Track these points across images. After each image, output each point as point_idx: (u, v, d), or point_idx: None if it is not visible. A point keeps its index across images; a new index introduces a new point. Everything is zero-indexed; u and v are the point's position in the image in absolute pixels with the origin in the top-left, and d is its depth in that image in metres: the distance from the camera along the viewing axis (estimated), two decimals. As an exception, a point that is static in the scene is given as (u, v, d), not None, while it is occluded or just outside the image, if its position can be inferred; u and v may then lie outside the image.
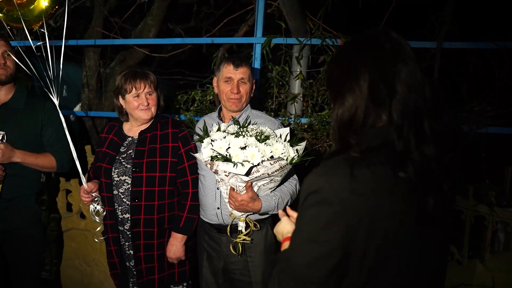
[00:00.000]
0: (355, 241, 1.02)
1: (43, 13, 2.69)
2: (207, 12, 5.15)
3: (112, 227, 2.41)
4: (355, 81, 1.10)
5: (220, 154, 1.90)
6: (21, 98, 2.63)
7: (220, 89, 2.32)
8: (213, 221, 2.32)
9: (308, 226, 1.06)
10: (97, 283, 3.53)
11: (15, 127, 2.54)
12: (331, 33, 3.08)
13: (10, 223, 2.59)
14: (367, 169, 1.03)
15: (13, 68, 2.59)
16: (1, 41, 2.56)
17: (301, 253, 1.06)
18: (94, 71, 3.92)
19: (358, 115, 1.10)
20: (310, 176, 1.10)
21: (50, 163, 2.63)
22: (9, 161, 2.46)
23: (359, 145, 1.09)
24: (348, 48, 1.20)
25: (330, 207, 1.03)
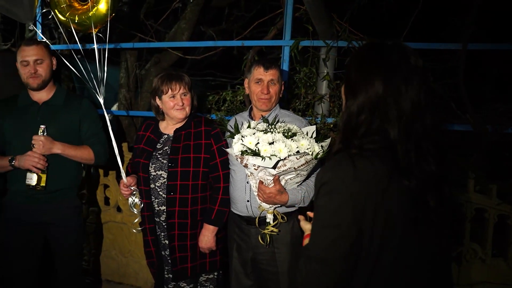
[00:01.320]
0: (363, 222, 1.17)
1: (102, 20, 2.89)
2: (237, 15, 5.30)
3: (149, 218, 2.57)
4: (368, 87, 1.23)
5: (250, 149, 2.04)
6: (60, 96, 2.82)
7: (251, 90, 2.47)
8: (243, 213, 2.46)
9: (322, 214, 1.22)
10: (132, 273, 3.72)
11: (55, 123, 2.72)
12: (357, 35, 3.18)
13: (53, 215, 2.78)
14: (367, 160, 1.18)
15: (45, 75, 2.73)
16: (36, 48, 2.70)
17: (320, 239, 1.21)
18: (131, 72, 4.12)
19: (363, 121, 1.23)
20: (319, 171, 1.27)
21: (88, 155, 2.79)
22: (49, 152, 2.63)
23: (359, 147, 1.22)
24: (369, 54, 1.31)
25: (339, 195, 1.18)
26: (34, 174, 2.62)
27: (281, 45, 3.30)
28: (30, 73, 2.68)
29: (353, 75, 1.30)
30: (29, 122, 2.70)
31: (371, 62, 1.27)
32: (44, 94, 2.79)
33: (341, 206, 1.17)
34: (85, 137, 2.84)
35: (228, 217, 2.57)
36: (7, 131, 2.73)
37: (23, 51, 2.69)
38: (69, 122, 2.79)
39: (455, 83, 3.10)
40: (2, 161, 2.66)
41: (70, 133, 2.79)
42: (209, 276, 2.68)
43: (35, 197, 2.72)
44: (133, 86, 4.19)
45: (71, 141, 2.78)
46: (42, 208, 2.75)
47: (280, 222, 2.32)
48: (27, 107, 2.75)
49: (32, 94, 2.77)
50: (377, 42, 1.32)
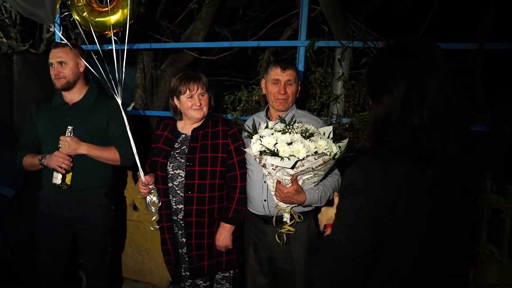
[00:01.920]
0: (385, 227, 1.18)
1: (120, 24, 2.93)
2: (252, 15, 5.33)
3: (167, 216, 2.61)
4: (392, 84, 1.24)
5: (268, 149, 2.06)
6: (91, 97, 2.87)
7: (268, 90, 2.49)
8: (260, 212, 2.49)
9: (345, 214, 1.24)
10: (147, 271, 3.78)
11: (83, 123, 2.79)
12: (373, 35, 3.19)
13: (80, 212, 2.84)
14: (396, 164, 1.18)
15: (69, 76, 2.78)
16: (60, 51, 2.78)
17: (340, 237, 1.23)
18: (147, 72, 4.18)
19: (392, 115, 1.24)
20: (347, 171, 1.27)
21: (114, 156, 2.83)
22: (75, 153, 2.69)
23: (391, 142, 1.24)
24: (389, 53, 1.34)
25: (363, 197, 1.19)
26: (59, 174, 2.68)
27: (297, 45, 3.32)
28: (55, 75, 2.78)
29: (375, 76, 1.32)
30: (60, 122, 2.78)
31: (392, 61, 1.29)
32: (74, 95, 2.86)
33: (364, 208, 1.19)
34: (112, 138, 2.88)
35: (245, 216, 2.61)
36: (41, 131, 2.83)
37: (50, 53, 2.81)
38: (97, 123, 2.84)
39: (471, 83, 3.09)
40: (34, 160, 2.78)
41: (98, 133, 2.84)
42: (225, 274, 2.71)
43: (63, 193, 2.80)
44: (149, 86, 4.24)
45: (99, 141, 2.83)
46: (69, 205, 2.83)
47: (296, 222, 2.34)
48: (59, 108, 2.84)
49: (64, 94, 2.86)
50: (397, 41, 1.34)
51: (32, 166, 2.81)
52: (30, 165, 2.81)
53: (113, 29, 2.92)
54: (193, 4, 3.98)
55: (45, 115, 2.83)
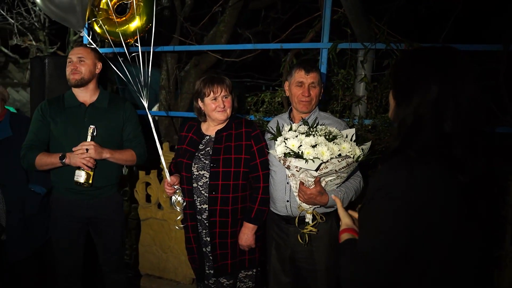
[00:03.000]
0: (414, 231, 1.20)
1: (141, 30, 3.02)
2: (274, 17, 5.36)
3: (191, 216, 2.66)
4: (426, 87, 1.25)
5: (293, 151, 2.11)
6: (104, 99, 2.96)
7: (291, 92, 2.53)
8: (282, 212, 2.54)
9: (375, 217, 1.25)
10: (171, 268, 3.85)
11: (101, 123, 2.87)
12: (395, 37, 3.19)
13: (98, 210, 2.94)
14: (425, 167, 1.20)
15: (85, 73, 2.87)
16: (81, 50, 2.90)
17: (370, 241, 1.25)
18: (171, 74, 4.26)
19: (423, 118, 1.25)
20: (376, 174, 1.30)
21: (132, 156, 2.95)
22: (100, 157, 2.77)
23: (419, 145, 1.25)
24: (420, 56, 1.34)
25: (394, 201, 1.21)
26: (83, 172, 2.76)
27: (319, 47, 3.34)
28: (72, 69, 2.85)
29: (405, 78, 1.33)
30: (77, 123, 2.85)
31: (424, 64, 1.30)
32: (88, 96, 2.93)
33: (395, 212, 1.21)
34: (127, 138, 2.98)
35: (267, 216, 2.65)
36: (55, 131, 2.87)
37: (72, 51, 2.90)
38: (114, 124, 2.94)
39: (495, 85, 3.07)
40: (52, 158, 2.79)
41: (115, 134, 2.95)
42: (248, 272, 2.76)
43: (81, 193, 2.88)
44: (173, 88, 4.32)
45: (115, 141, 2.94)
46: (87, 204, 2.91)
47: (319, 222, 2.38)
48: (74, 109, 2.90)
49: (77, 95, 2.92)
50: (426, 46, 1.36)
51: (46, 165, 2.81)
52: (44, 164, 2.80)
53: (134, 36, 3.01)
54: (218, 7, 4.03)
55: (60, 115, 2.87)
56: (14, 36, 7.29)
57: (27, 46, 7.52)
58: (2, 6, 6.89)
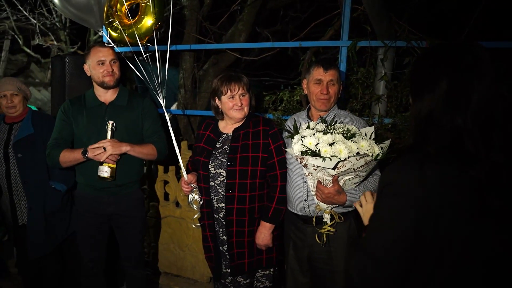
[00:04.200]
0: (426, 226, 1.18)
1: (149, 31, 3.03)
2: (292, 16, 5.33)
3: (208, 214, 2.66)
4: (434, 83, 1.24)
5: (310, 149, 2.08)
6: (124, 96, 3.00)
7: (310, 90, 2.50)
8: (300, 212, 2.51)
9: (383, 214, 1.25)
10: (189, 266, 3.86)
11: (121, 120, 2.91)
12: (417, 35, 3.13)
13: (121, 206, 2.99)
14: (435, 165, 1.18)
15: (119, 74, 2.95)
16: (109, 49, 2.93)
17: (377, 237, 1.24)
18: (190, 73, 4.26)
19: (434, 113, 1.24)
20: (385, 170, 1.28)
21: (152, 151, 2.96)
22: (119, 151, 2.79)
23: (432, 141, 1.23)
24: (433, 52, 1.32)
25: (402, 198, 1.20)
26: (106, 167, 2.79)
27: (339, 45, 3.30)
28: (108, 72, 2.88)
29: (417, 76, 1.32)
30: (98, 121, 2.90)
31: (433, 60, 1.28)
32: (110, 94, 2.97)
33: (403, 209, 1.20)
34: (146, 134, 3.01)
35: (285, 215, 2.63)
36: (77, 130, 2.93)
37: (99, 51, 2.89)
38: (133, 120, 2.97)
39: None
40: (75, 154, 2.83)
41: (134, 130, 2.98)
42: (265, 272, 2.74)
43: (104, 189, 2.92)
44: (191, 87, 4.32)
45: (135, 137, 2.96)
46: (110, 200, 2.96)
47: (337, 222, 2.35)
48: (95, 108, 2.95)
49: (100, 94, 2.96)
50: (443, 42, 1.33)
51: (70, 161, 2.85)
52: (67, 160, 2.85)
53: (145, 36, 3.01)
54: (236, 6, 4.02)
55: (82, 115, 2.92)
56: (36, 36, 7.42)
57: (49, 46, 7.65)
58: (24, 6, 7.02)
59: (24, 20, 7.37)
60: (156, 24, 3.18)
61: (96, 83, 2.94)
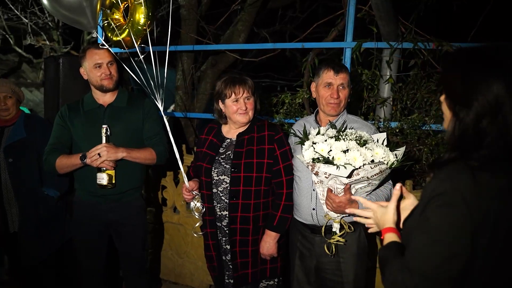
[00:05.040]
0: (479, 240, 1.07)
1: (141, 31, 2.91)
2: (292, 16, 5.24)
3: (211, 223, 2.55)
4: (485, 92, 1.12)
5: (323, 156, 1.98)
6: (123, 98, 2.87)
7: (319, 94, 2.40)
8: (308, 221, 2.40)
9: (434, 228, 1.12)
10: (187, 274, 3.76)
11: (120, 123, 2.78)
12: (423, 36, 3.06)
13: (122, 213, 2.85)
14: (489, 174, 1.08)
15: (117, 76, 2.82)
16: (106, 51, 2.79)
17: (429, 254, 1.11)
18: (187, 74, 4.15)
19: (486, 127, 1.13)
20: (432, 181, 1.15)
21: (151, 155, 2.82)
22: (116, 157, 2.65)
23: (482, 150, 1.12)
24: (475, 57, 1.20)
25: (456, 209, 1.08)
26: (104, 174, 2.66)
27: (343, 47, 3.21)
28: (106, 75, 2.75)
29: (459, 85, 1.19)
30: (96, 124, 2.75)
31: (480, 66, 1.17)
32: (109, 97, 2.85)
33: (458, 221, 1.08)
34: (146, 136, 2.88)
35: (291, 223, 2.52)
36: (76, 134, 2.79)
37: (95, 54, 2.76)
38: (133, 122, 2.84)
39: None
40: (73, 159, 2.70)
41: (135, 132, 2.85)
42: (270, 282, 2.63)
43: (104, 196, 2.79)
44: (189, 88, 4.22)
45: (135, 139, 2.84)
46: (110, 207, 2.82)
47: (346, 232, 2.25)
48: (93, 111, 2.81)
49: (98, 97, 2.83)
50: (477, 46, 1.22)
51: (67, 167, 2.73)
52: (65, 166, 2.72)
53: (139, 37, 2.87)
54: (236, 6, 3.92)
55: (80, 119, 2.79)
56: (28, 36, 7.26)
57: (41, 46, 7.48)
58: (16, 5, 6.84)
59: (15, 19, 7.21)
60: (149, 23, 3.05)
61: (95, 87, 2.81)
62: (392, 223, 1.37)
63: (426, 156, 2.95)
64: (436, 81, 3.07)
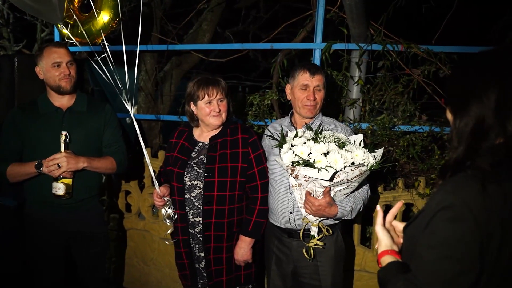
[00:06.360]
0: (487, 255, 1.05)
1: (105, 28, 2.76)
2: (256, 16, 5.19)
3: (183, 229, 2.46)
4: (483, 95, 1.11)
5: (303, 159, 1.93)
6: (83, 102, 2.72)
7: (295, 96, 2.36)
8: (285, 225, 2.36)
9: (443, 243, 1.08)
10: (154, 282, 3.62)
11: (80, 128, 2.64)
12: (392, 38, 3.08)
13: (80, 223, 2.69)
14: (498, 185, 1.06)
15: (76, 77, 2.67)
16: (65, 50, 2.63)
17: (441, 271, 1.07)
18: (151, 75, 4.01)
19: (483, 126, 1.11)
20: (439, 192, 1.12)
21: (111, 165, 2.71)
22: (76, 167, 2.52)
23: (484, 156, 1.10)
24: (474, 62, 1.20)
25: (464, 223, 1.05)
26: (61, 184, 2.51)
27: (312, 48, 3.19)
28: (65, 75, 2.59)
29: (459, 89, 1.18)
30: (54, 129, 2.58)
31: (478, 70, 1.16)
32: (67, 100, 2.68)
33: (466, 236, 1.04)
34: (106, 144, 2.75)
35: (266, 228, 2.47)
36: (29, 139, 2.60)
37: (54, 52, 2.59)
38: (95, 129, 2.71)
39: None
40: (26, 168, 2.52)
41: (95, 139, 2.72)
42: (244, 289, 2.58)
43: (60, 206, 2.62)
44: (152, 89, 4.07)
45: (95, 147, 2.71)
46: (68, 217, 2.66)
47: (325, 235, 2.22)
48: (50, 114, 2.64)
49: (54, 99, 2.66)
50: (480, 52, 1.21)
51: (20, 175, 2.55)
52: (17, 175, 2.55)
53: (100, 35, 2.73)
54: (202, 5, 3.81)
55: (35, 122, 2.61)
56: (-26, 33, 6.82)
57: (-11, 44, 7.05)
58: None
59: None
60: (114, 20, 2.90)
61: (51, 88, 2.63)
62: (384, 246, 1.32)
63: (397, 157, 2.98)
64: (404, 82, 3.11)
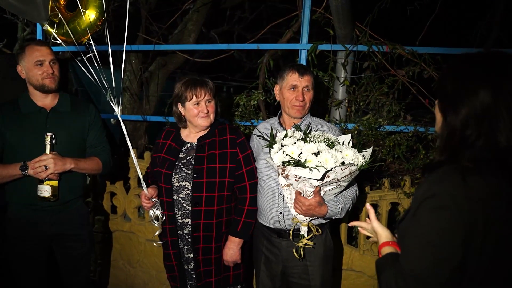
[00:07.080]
0: (471, 243, 1.08)
1: (91, 27, 2.72)
2: (241, 16, 5.19)
3: (171, 231, 2.44)
4: (473, 97, 1.14)
5: (293, 159, 1.94)
6: (66, 101, 2.69)
7: (284, 96, 2.36)
8: (274, 225, 2.36)
9: (425, 231, 1.12)
10: (140, 284, 3.59)
11: (64, 129, 2.60)
12: (378, 39, 3.12)
13: (65, 225, 2.66)
14: (479, 177, 1.09)
15: (59, 76, 2.63)
16: (48, 49, 2.59)
17: (420, 257, 1.12)
18: (136, 75, 3.98)
19: (473, 131, 1.14)
20: (423, 184, 1.17)
21: (97, 165, 2.69)
22: (63, 169, 2.49)
23: (469, 156, 1.13)
24: (467, 64, 1.22)
25: (447, 212, 1.09)
26: (46, 186, 2.47)
27: (298, 48, 3.20)
28: (48, 73, 2.55)
29: (451, 87, 1.20)
30: (38, 130, 2.54)
31: (471, 72, 1.18)
32: (48, 99, 2.64)
33: (449, 224, 1.09)
34: (90, 145, 2.72)
35: (255, 228, 2.47)
36: (11, 140, 2.54)
37: (36, 51, 2.55)
38: (79, 129, 2.67)
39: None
40: (9, 170, 2.46)
41: (79, 140, 2.69)
42: (232, 289, 2.57)
43: (44, 209, 2.58)
44: (137, 90, 4.04)
45: (79, 148, 2.68)
46: (52, 219, 2.62)
47: (314, 235, 2.23)
48: (33, 114, 2.58)
49: (37, 99, 2.61)
50: (474, 52, 1.24)
51: (2, 177, 2.48)
52: (0, 177, 2.49)
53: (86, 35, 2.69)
54: (188, 5, 3.79)
55: (16, 123, 2.55)
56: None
57: (-33, 44, 6.88)
58: None
59: None
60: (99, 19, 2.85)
61: (34, 87, 2.58)
62: (384, 238, 1.37)
63: (383, 157, 3.02)
64: (389, 83, 3.15)
